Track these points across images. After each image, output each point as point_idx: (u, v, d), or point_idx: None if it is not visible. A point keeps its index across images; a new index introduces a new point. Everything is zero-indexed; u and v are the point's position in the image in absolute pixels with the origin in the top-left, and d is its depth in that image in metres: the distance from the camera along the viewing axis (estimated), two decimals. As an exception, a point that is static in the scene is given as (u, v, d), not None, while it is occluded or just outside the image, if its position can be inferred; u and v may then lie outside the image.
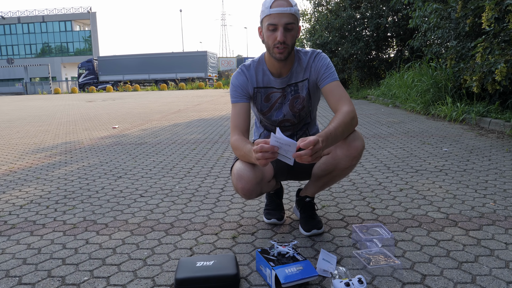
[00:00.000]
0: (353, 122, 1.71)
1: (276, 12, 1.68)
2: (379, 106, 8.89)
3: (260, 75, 1.89)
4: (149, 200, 2.55)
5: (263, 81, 1.89)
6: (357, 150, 1.74)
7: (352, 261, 1.62)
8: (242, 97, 1.88)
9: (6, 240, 1.98)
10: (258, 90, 1.90)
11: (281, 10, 1.68)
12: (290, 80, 1.88)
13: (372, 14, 12.87)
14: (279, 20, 1.69)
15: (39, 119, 8.99)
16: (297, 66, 1.87)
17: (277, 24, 1.69)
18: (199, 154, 4.02)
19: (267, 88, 1.90)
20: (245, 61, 28.47)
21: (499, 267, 1.53)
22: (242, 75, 1.89)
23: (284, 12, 1.68)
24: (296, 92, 1.90)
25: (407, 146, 4.08)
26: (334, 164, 1.79)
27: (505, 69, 4.59)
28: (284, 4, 1.69)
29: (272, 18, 1.70)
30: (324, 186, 1.95)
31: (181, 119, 7.82)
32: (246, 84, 1.88)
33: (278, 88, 1.89)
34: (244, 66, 1.91)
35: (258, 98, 1.92)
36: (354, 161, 1.77)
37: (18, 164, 3.83)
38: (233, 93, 1.89)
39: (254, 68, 1.89)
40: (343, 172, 1.83)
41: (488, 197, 2.38)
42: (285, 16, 1.69)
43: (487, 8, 4.89)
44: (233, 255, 1.57)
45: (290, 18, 1.70)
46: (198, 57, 35.99)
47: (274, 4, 1.69)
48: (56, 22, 55.07)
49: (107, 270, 1.62)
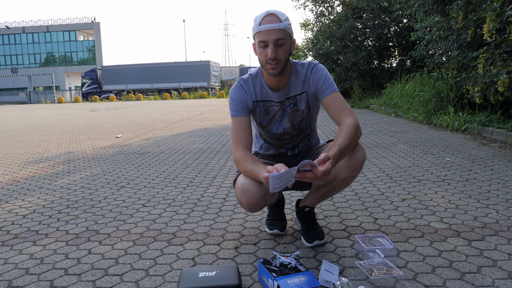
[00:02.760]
0: (357, 134, 1.72)
1: (265, 29, 1.68)
2: (381, 116, 8.89)
3: (258, 88, 1.89)
4: (152, 210, 2.56)
5: (261, 94, 1.89)
6: (358, 161, 1.75)
7: (355, 272, 1.62)
8: (242, 110, 1.88)
9: (9, 250, 1.98)
10: (257, 104, 1.91)
11: (270, 26, 1.68)
12: (289, 93, 1.88)
13: (374, 24, 12.95)
14: (269, 37, 1.69)
15: (43, 128, 9.03)
16: (295, 79, 1.88)
17: (267, 41, 1.70)
18: (201, 164, 4.03)
19: (265, 101, 1.90)
20: (248, 70, 28.80)
21: (502, 278, 1.52)
22: (241, 89, 1.89)
23: (274, 29, 1.68)
24: (295, 105, 1.90)
25: (409, 155, 4.08)
26: (334, 174, 1.79)
27: (508, 79, 4.60)
28: (273, 20, 1.69)
29: (262, 35, 1.70)
30: (324, 197, 1.95)
31: (183, 128, 7.84)
32: (246, 97, 1.89)
33: (276, 102, 1.90)
34: (242, 80, 1.91)
35: (257, 112, 1.93)
36: (354, 172, 1.77)
37: (21, 174, 3.85)
38: (233, 106, 1.89)
39: (252, 81, 1.90)
40: (343, 183, 1.83)
41: (490, 207, 2.37)
42: (274, 32, 1.69)
43: (488, 19, 4.91)
44: (235, 266, 1.57)
45: (280, 34, 1.69)
46: (200, 66, 36.17)
47: (263, 21, 1.70)
48: (60, 32, 55.61)
49: (109, 280, 1.62)
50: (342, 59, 13.80)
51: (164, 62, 37.67)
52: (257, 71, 1.90)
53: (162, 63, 37.43)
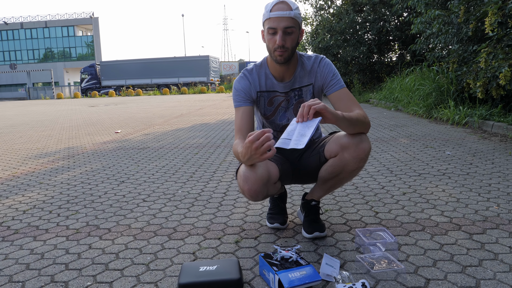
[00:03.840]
0: (366, 120, 1.74)
1: (275, 16, 1.70)
2: (382, 110, 8.88)
3: (263, 78, 1.89)
4: (152, 204, 2.55)
5: (266, 84, 1.89)
6: (364, 151, 1.74)
7: (356, 266, 1.61)
8: (246, 101, 1.88)
9: (10, 245, 1.98)
10: (261, 94, 1.91)
11: (281, 14, 1.69)
12: (294, 84, 1.88)
13: (375, 18, 12.90)
14: (278, 24, 1.70)
15: (42, 124, 9.02)
16: (301, 70, 1.88)
17: (276, 28, 1.71)
18: (201, 159, 4.02)
19: (270, 92, 1.90)
20: (247, 65, 28.61)
21: (504, 271, 1.52)
22: (245, 79, 1.90)
23: (284, 16, 1.69)
24: (300, 97, 1.91)
25: (410, 149, 4.07)
26: (342, 166, 1.79)
27: (509, 73, 4.59)
28: (284, 7, 1.70)
29: (272, 22, 1.71)
30: (330, 189, 1.95)
31: (183, 123, 7.83)
32: (249, 88, 1.89)
33: (281, 92, 1.90)
34: (247, 71, 1.92)
35: (261, 102, 1.92)
36: (361, 163, 1.77)
37: (21, 169, 3.84)
38: (236, 97, 1.89)
39: (257, 72, 1.90)
40: (350, 175, 1.83)
41: (491, 200, 2.37)
42: (284, 20, 1.70)
43: (490, 13, 4.88)
44: (236, 260, 1.57)
45: (290, 22, 1.70)
46: (200, 61, 36.07)
47: (274, 8, 1.71)
48: (59, 27, 55.37)
49: (110, 275, 1.62)
50: (342, 53, 13.75)
51: (163, 57, 37.56)
52: (262, 61, 1.91)
53: (161, 58, 37.31)
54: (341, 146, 1.77)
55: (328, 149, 1.84)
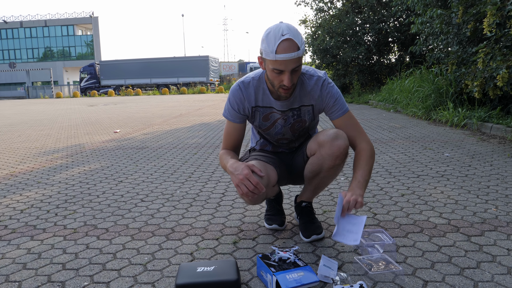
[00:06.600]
0: (373, 158, 1.76)
1: (283, 59, 1.54)
2: (381, 111, 8.88)
3: (260, 94, 1.81)
4: (150, 205, 2.55)
5: (263, 100, 1.82)
6: (340, 149, 1.70)
7: (354, 267, 1.61)
8: (236, 118, 1.85)
9: (7, 244, 1.97)
10: (256, 109, 1.84)
11: (289, 56, 1.54)
12: (293, 104, 1.81)
13: (374, 19, 12.91)
14: (286, 67, 1.57)
15: (41, 123, 9.00)
16: (300, 90, 1.79)
17: (284, 70, 1.58)
18: (200, 159, 4.01)
19: (266, 107, 1.83)
20: (247, 66, 28.48)
21: (501, 273, 1.52)
22: (240, 93, 1.81)
23: (292, 58, 1.55)
24: (298, 117, 1.85)
25: (408, 151, 4.07)
26: (319, 164, 1.77)
27: (507, 74, 4.59)
28: (291, 47, 1.54)
29: (278, 65, 1.57)
30: (317, 189, 1.94)
31: (182, 123, 7.82)
32: (243, 102, 1.82)
33: (278, 110, 1.82)
34: (243, 84, 1.82)
35: (257, 116, 1.87)
36: (337, 160, 1.73)
37: (19, 168, 3.83)
38: (228, 110, 1.85)
39: (254, 87, 1.80)
40: (329, 173, 1.80)
41: (490, 202, 2.37)
42: (293, 62, 1.56)
43: (489, 13, 4.89)
44: (234, 261, 1.57)
45: (298, 61, 1.58)
46: (199, 61, 36.07)
47: (280, 49, 1.54)
48: (58, 26, 55.36)
49: (107, 275, 1.62)
50: (341, 55, 13.75)
51: (163, 57, 37.56)
52: (260, 75, 1.80)
53: (161, 58, 37.31)
54: (318, 143, 1.76)
55: (309, 147, 1.84)
